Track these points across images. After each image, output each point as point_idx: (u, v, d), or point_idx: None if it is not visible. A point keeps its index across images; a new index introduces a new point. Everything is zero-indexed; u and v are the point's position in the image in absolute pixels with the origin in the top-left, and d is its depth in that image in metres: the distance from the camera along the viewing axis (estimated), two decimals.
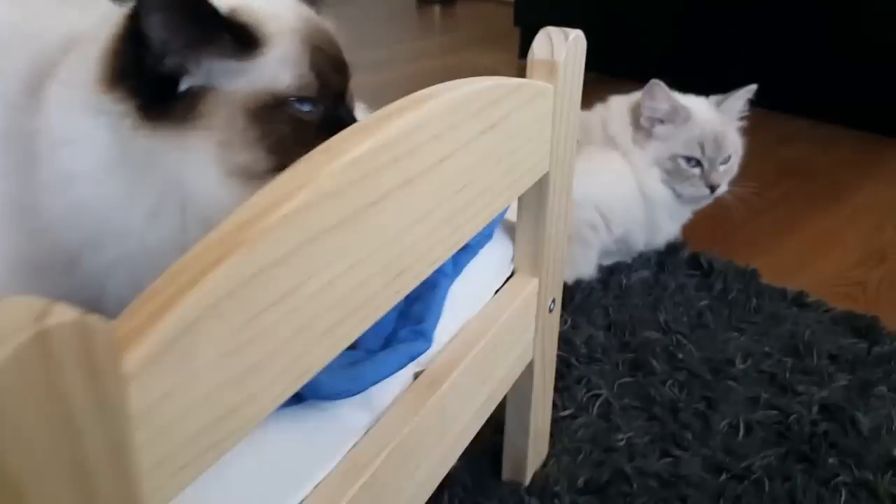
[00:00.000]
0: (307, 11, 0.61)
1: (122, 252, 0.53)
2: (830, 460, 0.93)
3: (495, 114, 0.59)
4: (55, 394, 0.28)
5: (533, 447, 0.88)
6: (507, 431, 0.88)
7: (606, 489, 0.89)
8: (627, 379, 1.06)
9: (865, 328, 1.19)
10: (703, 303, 1.24)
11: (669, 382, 1.05)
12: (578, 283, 1.27)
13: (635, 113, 1.26)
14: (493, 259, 0.76)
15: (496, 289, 0.76)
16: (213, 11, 0.52)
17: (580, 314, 1.20)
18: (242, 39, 0.54)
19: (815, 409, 1.02)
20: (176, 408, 0.34)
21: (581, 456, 0.93)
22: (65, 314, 0.28)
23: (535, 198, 0.73)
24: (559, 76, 0.67)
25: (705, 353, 1.12)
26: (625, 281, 1.29)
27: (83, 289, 0.56)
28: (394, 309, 0.56)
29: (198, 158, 0.53)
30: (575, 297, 1.24)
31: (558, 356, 1.09)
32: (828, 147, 1.99)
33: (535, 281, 0.77)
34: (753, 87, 1.27)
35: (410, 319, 0.59)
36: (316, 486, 0.50)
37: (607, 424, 0.98)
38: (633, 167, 1.24)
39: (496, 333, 0.71)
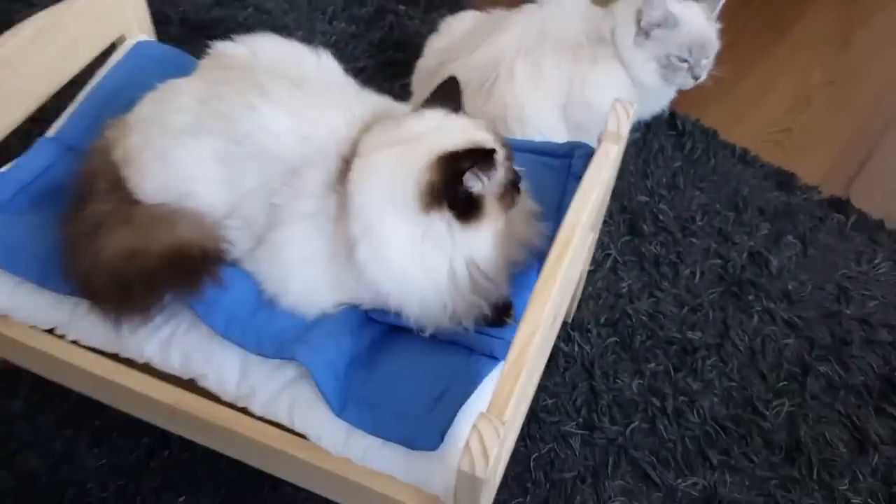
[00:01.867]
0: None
1: (408, 298, 1.01)
2: (750, 296, 1.53)
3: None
4: None
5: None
6: None
7: (617, 324, 1.47)
8: (626, 238, 1.60)
9: (785, 183, 1.72)
10: (677, 164, 1.74)
11: (653, 242, 1.59)
12: None
13: (638, 17, 1.62)
14: None
15: None
16: (492, 153, 0.94)
17: None
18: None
19: (744, 255, 1.59)
20: None
21: (601, 301, 1.50)
22: None
23: None
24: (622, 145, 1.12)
25: (677, 211, 1.65)
26: None
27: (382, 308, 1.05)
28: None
29: (484, 237, 0.98)
30: None
31: None
32: None
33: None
34: None
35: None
36: None
37: (615, 276, 1.54)
38: (631, 63, 1.61)
39: None
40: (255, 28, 1.91)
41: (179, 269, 0.98)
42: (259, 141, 1.02)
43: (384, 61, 1.88)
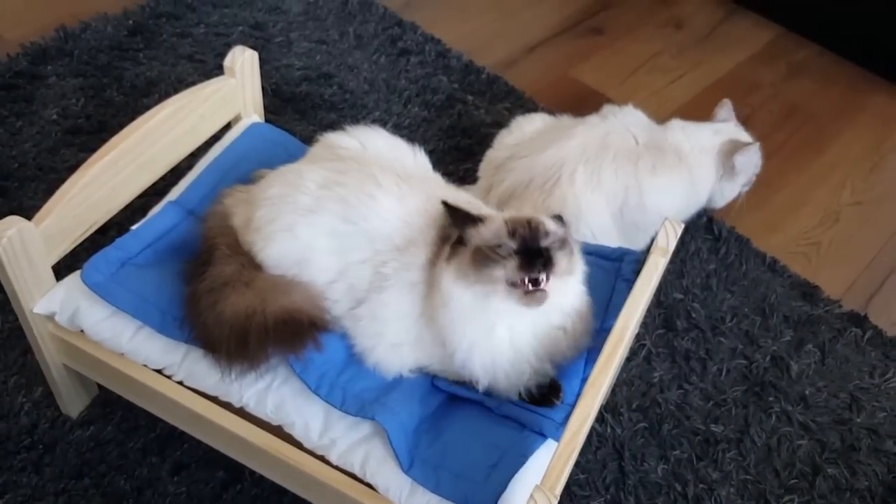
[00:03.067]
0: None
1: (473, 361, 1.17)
2: (770, 397, 1.67)
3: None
4: None
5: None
6: None
7: (647, 410, 1.62)
8: (661, 331, 1.76)
9: (810, 294, 1.87)
10: (712, 267, 1.90)
11: (685, 337, 1.75)
12: None
13: (727, 161, 1.76)
14: None
15: None
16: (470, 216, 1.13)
17: None
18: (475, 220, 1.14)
19: (767, 358, 1.74)
20: None
21: (633, 387, 1.65)
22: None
23: None
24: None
25: (709, 311, 1.80)
26: None
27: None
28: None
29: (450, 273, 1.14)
30: None
31: None
32: (826, 84, 2.48)
33: None
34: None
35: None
36: None
37: (648, 366, 1.69)
38: (714, 192, 1.78)
39: None
40: (337, 105, 2.13)
41: (290, 330, 1.15)
42: (371, 223, 1.20)
43: (452, 146, 2.07)
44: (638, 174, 1.69)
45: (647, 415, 1.61)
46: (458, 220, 1.16)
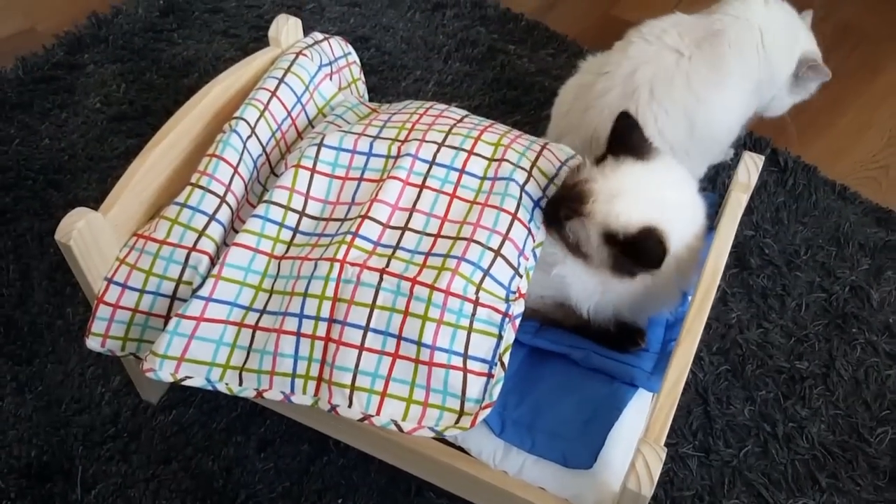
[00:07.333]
0: None
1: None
2: (853, 329, 1.62)
3: None
4: None
5: None
6: None
7: (728, 353, 1.58)
8: (734, 270, 1.70)
9: (884, 219, 1.80)
10: (780, 199, 1.83)
11: (760, 275, 1.69)
12: None
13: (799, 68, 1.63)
14: None
15: None
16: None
17: None
18: None
19: (846, 289, 1.68)
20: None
21: (711, 330, 1.61)
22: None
23: None
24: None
25: (781, 245, 1.75)
26: (727, 180, 1.86)
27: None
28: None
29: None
30: None
31: None
32: (879, 4, 2.38)
33: None
34: None
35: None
36: None
37: (725, 307, 1.65)
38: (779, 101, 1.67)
39: None
40: (377, 67, 2.09)
41: None
42: None
43: (498, 99, 2.01)
44: (695, 91, 1.50)
45: (729, 357, 1.57)
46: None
